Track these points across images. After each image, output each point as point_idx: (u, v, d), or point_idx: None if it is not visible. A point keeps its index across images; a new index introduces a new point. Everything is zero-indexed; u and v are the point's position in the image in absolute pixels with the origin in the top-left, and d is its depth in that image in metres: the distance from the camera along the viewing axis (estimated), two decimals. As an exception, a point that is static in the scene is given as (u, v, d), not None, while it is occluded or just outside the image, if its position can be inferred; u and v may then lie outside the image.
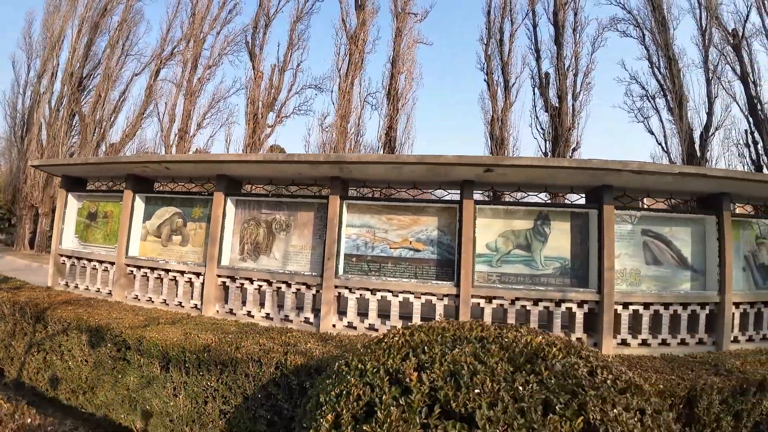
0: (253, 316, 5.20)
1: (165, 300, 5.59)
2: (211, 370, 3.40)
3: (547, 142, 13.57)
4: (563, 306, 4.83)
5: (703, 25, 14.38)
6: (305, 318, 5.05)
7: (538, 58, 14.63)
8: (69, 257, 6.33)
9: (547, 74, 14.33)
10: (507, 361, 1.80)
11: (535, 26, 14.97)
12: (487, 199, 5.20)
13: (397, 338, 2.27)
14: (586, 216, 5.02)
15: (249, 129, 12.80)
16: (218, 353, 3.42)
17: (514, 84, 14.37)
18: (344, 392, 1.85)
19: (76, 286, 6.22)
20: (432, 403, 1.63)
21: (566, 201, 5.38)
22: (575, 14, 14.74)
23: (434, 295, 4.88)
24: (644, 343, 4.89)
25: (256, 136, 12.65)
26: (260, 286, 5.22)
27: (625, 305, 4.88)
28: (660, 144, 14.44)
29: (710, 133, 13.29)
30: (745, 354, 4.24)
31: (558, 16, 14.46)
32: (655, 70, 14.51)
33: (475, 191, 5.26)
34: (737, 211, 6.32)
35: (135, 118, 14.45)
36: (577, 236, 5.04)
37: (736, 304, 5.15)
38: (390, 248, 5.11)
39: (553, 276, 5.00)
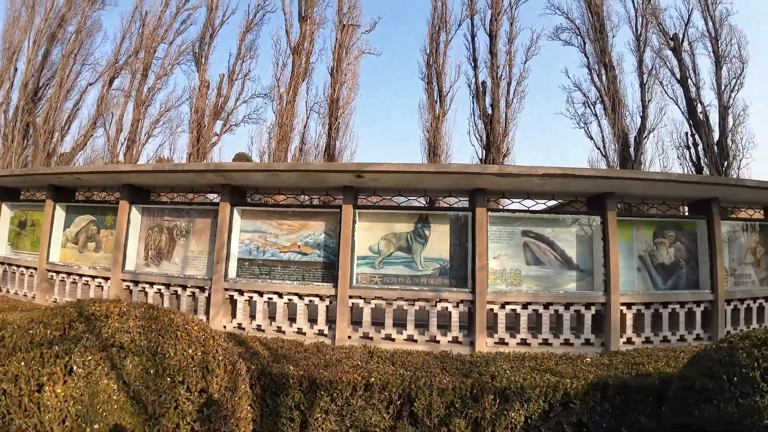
0: (153, 318, 5.47)
1: (80, 303, 5.91)
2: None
3: (484, 149, 13.74)
4: (439, 306, 4.95)
5: (638, 31, 14.63)
6: (199, 320, 5.28)
7: (475, 68, 14.95)
8: (2, 263, 6.74)
9: (484, 83, 14.59)
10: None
11: (473, 36, 15.32)
12: (370, 203, 5.35)
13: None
14: (465, 218, 5.14)
15: (193, 137, 13.26)
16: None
17: (448, 93, 14.74)
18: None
19: (8, 291, 6.62)
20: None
21: (449, 204, 5.49)
22: (511, 24, 15.10)
23: (317, 296, 5.06)
24: (524, 342, 4.96)
25: (200, 144, 13.08)
26: (159, 290, 5.49)
27: (503, 305, 4.96)
28: (599, 148, 14.77)
29: (644, 136, 13.39)
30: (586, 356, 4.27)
31: (493, 26, 14.79)
32: (594, 76, 14.89)
33: (360, 196, 5.45)
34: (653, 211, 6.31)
35: (87, 128, 15.06)
36: (456, 238, 5.16)
37: (628, 305, 5.17)
38: (280, 252, 5.32)
39: (433, 276, 5.13)
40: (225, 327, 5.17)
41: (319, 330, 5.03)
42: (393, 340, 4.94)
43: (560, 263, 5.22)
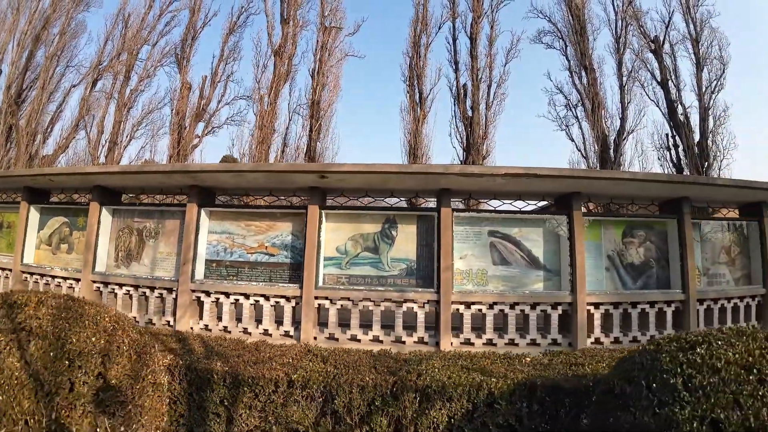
0: (123, 320, 5.48)
1: (53, 305, 5.92)
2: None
3: (464, 151, 13.81)
4: (405, 306, 4.94)
5: (618, 34, 14.76)
6: (167, 321, 5.29)
7: (456, 70, 15.04)
8: (-21, 265, 6.76)
9: (465, 86, 14.70)
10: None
11: (454, 39, 15.39)
12: (338, 204, 5.35)
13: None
14: (432, 219, 5.13)
15: (173, 139, 13.30)
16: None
17: (428, 95, 14.81)
18: None
19: (-16, 293, 6.63)
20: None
21: (420, 204, 5.47)
22: (491, 27, 15.23)
23: (283, 297, 5.06)
24: (490, 342, 4.95)
25: (180, 146, 13.12)
26: (128, 291, 5.50)
27: (468, 305, 4.95)
28: (579, 150, 14.87)
29: (623, 138, 13.47)
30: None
31: (473, 29, 14.90)
32: (575, 79, 14.99)
33: (329, 197, 5.46)
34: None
35: (69, 130, 15.10)
36: (423, 239, 5.16)
37: (596, 305, 5.15)
38: (247, 253, 5.32)
39: (400, 277, 5.12)
40: (192, 328, 5.17)
41: (285, 331, 5.02)
42: (359, 340, 4.93)
43: (527, 263, 5.21)
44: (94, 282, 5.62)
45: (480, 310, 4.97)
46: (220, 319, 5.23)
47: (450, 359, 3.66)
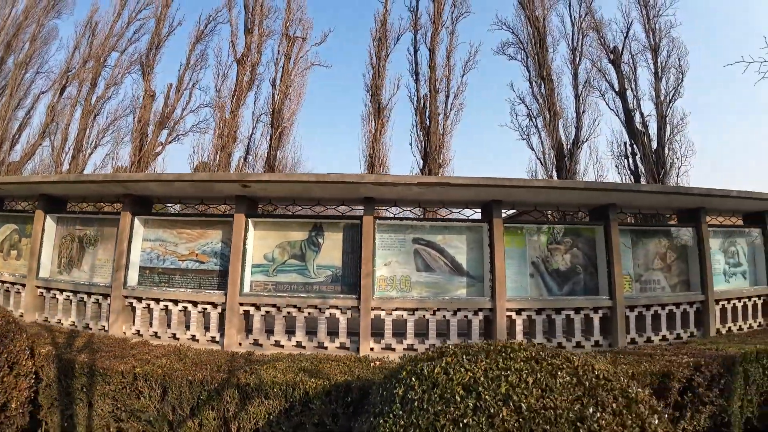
0: (62, 324, 5.66)
1: None
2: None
3: (422, 160, 14.01)
4: (327, 312, 5.04)
5: (574, 45, 15.05)
6: (102, 326, 5.46)
7: (417, 81, 15.30)
8: (-63, 272, 7.00)
9: (425, 96, 14.94)
10: None
11: (416, 50, 15.69)
12: (266, 212, 5.48)
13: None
14: (358, 227, 5.23)
15: (135, 147, 13.55)
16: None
17: (387, 105, 15.06)
18: None
19: (-58, 298, 6.87)
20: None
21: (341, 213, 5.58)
22: (450, 39, 15.52)
23: (211, 303, 5.19)
24: (411, 347, 5.03)
25: (142, 153, 13.35)
26: (68, 297, 5.68)
27: (389, 311, 5.04)
28: (539, 159, 15.14)
29: (578, 147, 13.59)
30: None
31: (433, 41, 15.23)
32: (536, 89, 15.21)
33: (261, 205, 5.59)
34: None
35: (37, 137, 15.40)
36: (349, 246, 5.26)
37: (518, 311, 5.22)
38: (179, 260, 5.47)
39: (325, 284, 5.23)
40: (125, 333, 5.33)
41: (212, 337, 5.15)
42: (282, 346, 5.04)
43: (450, 270, 5.29)
44: (38, 287, 5.81)
45: (402, 316, 5.06)
46: (151, 324, 5.38)
47: (296, 361, 3.81)
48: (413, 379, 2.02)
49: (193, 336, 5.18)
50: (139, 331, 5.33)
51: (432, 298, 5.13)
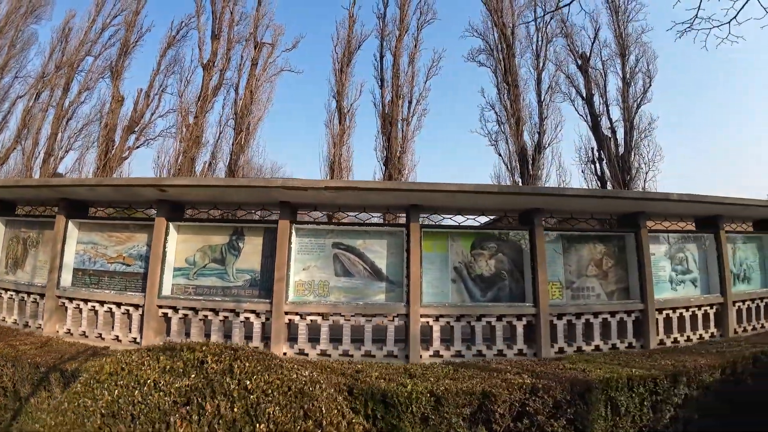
0: (6, 322, 5.93)
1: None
2: None
3: (384, 164, 13.98)
4: (242, 316, 5.10)
5: (538, 51, 15.05)
6: (38, 324, 5.68)
7: (382, 87, 15.38)
8: None
9: (390, 101, 14.81)
10: None
11: (381, 56, 15.77)
12: (188, 216, 5.58)
13: None
14: (275, 231, 5.27)
15: (101, 152, 13.94)
16: None
17: (349, 110, 15.13)
18: None
19: None
20: None
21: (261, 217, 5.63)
22: (415, 45, 15.59)
23: (133, 305, 5.33)
24: (324, 353, 5.02)
25: (108, 158, 13.71)
26: (12, 296, 5.94)
27: (303, 315, 5.06)
28: (506, 164, 15.10)
29: (540, 152, 13.33)
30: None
31: (397, 47, 15.29)
32: (503, 95, 15.12)
33: (187, 210, 5.70)
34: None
35: (12, 141, 15.98)
36: (268, 250, 5.30)
37: (436, 317, 5.14)
38: (107, 263, 5.64)
39: (244, 288, 5.29)
40: (58, 332, 5.53)
41: (133, 338, 5.29)
42: (199, 348, 5.12)
43: (369, 274, 5.26)
44: (-15, 287, 6.11)
45: (315, 320, 5.06)
46: (81, 324, 5.56)
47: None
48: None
49: (117, 337, 5.33)
50: (69, 330, 5.52)
51: (347, 303, 5.11)
